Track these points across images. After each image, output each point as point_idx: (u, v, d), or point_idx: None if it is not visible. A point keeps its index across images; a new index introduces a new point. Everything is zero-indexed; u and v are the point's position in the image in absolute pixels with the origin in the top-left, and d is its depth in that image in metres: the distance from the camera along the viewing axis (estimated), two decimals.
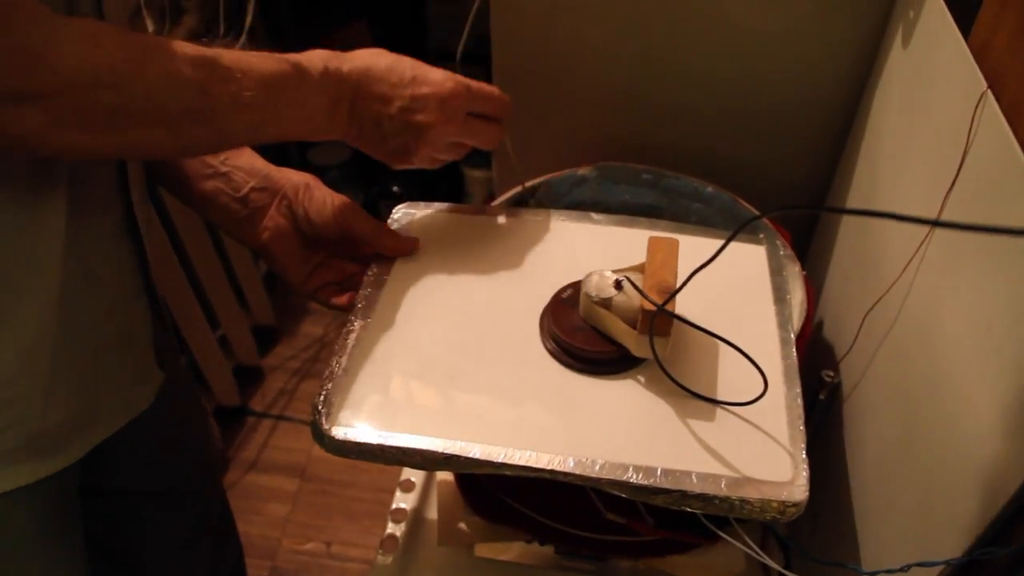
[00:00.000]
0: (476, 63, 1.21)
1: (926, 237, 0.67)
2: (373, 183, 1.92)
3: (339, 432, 0.66)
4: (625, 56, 1.01)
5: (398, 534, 0.98)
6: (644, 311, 0.65)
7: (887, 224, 0.80)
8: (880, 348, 0.76)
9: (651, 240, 0.72)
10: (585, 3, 0.99)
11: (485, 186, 1.83)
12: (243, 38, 1.48)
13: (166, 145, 0.60)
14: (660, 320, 0.65)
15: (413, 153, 0.75)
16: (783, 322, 0.75)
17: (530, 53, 1.06)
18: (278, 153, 1.94)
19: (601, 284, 0.70)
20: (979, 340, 0.57)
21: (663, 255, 0.70)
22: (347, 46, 1.88)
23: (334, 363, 0.71)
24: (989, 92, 0.61)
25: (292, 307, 1.99)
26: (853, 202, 0.92)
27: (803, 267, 0.84)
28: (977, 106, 0.61)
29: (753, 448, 0.64)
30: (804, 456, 0.63)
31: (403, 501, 1.00)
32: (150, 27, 1.43)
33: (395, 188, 1.86)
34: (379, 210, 1.91)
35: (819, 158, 1.03)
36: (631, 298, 0.68)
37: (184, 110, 0.58)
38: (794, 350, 0.72)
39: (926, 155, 0.73)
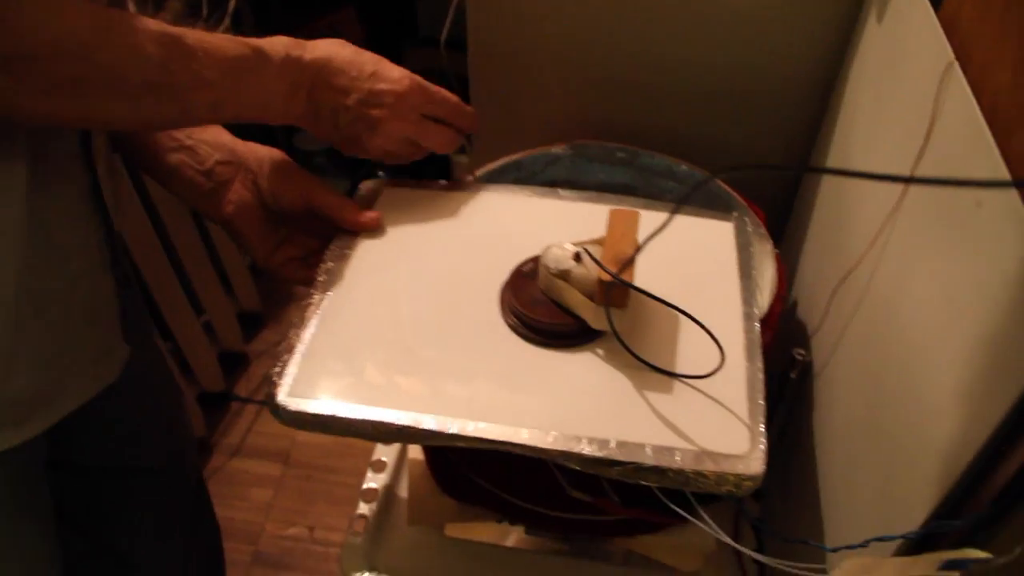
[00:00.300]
0: (462, 48, 1.20)
1: (892, 210, 0.66)
2: (359, 167, 1.91)
3: (293, 403, 0.65)
4: (600, 35, 1.00)
5: (369, 514, 0.97)
6: (601, 282, 0.64)
7: (857, 200, 0.79)
8: (849, 325, 0.75)
9: (612, 212, 0.71)
10: None
11: (470, 171, 1.82)
12: (226, 21, 1.47)
13: (127, 117, 0.63)
14: (616, 291, 0.65)
15: (365, 144, 0.77)
16: (747, 297, 0.74)
17: (505, 33, 1.05)
18: (264, 136, 1.93)
19: (559, 256, 0.69)
20: (939, 312, 0.56)
21: (622, 227, 0.69)
22: (335, 32, 1.87)
23: (292, 335, 0.70)
24: (956, 63, 0.60)
25: (278, 292, 1.98)
26: (827, 182, 0.92)
27: (778, 247, 0.83)
28: (943, 77, 0.59)
29: (710, 421, 0.63)
30: (762, 429, 0.62)
31: (374, 481, 0.99)
32: (132, 7, 1.42)
33: (381, 173, 1.84)
34: None
35: (796, 136, 1.02)
36: (590, 270, 0.68)
37: (145, 84, 0.60)
38: (757, 325, 0.71)
39: (896, 128, 0.72)
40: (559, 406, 0.64)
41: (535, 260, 0.74)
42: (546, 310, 0.70)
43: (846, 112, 0.89)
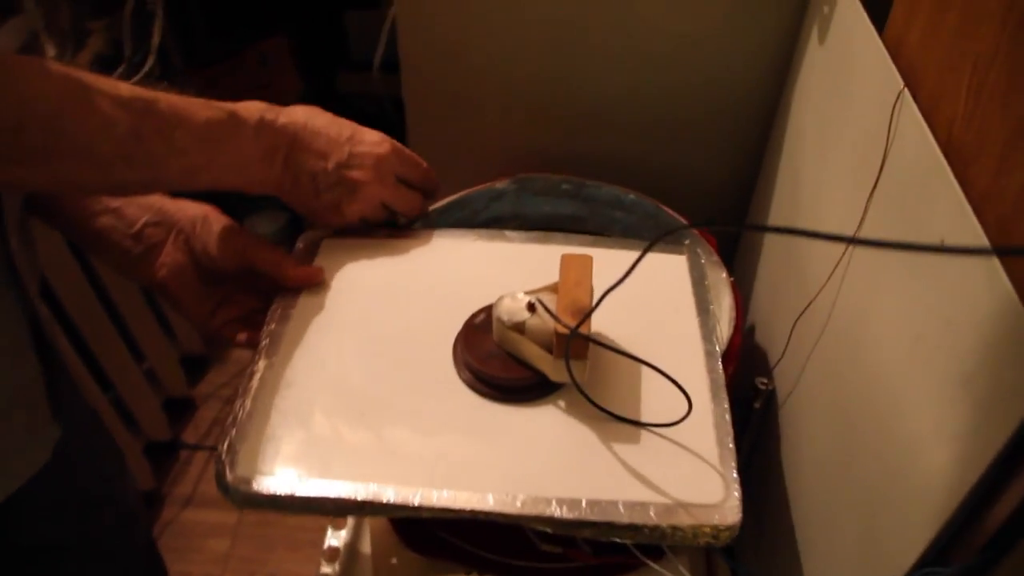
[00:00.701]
0: (394, 71, 1.17)
1: (849, 245, 0.65)
2: None
3: (243, 484, 0.61)
4: (538, 64, 0.98)
5: (332, 574, 0.93)
6: (558, 335, 0.62)
7: (813, 226, 0.77)
8: (811, 356, 0.74)
9: (564, 257, 0.69)
10: (493, 11, 0.96)
11: None
12: (151, 59, 1.42)
13: (97, 183, 0.62)
14: (576, 343, 0.62)
15: (344, 209, 0.76)
16: (707, 334, 0.72)
17: (440, 66, 1.03)
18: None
19: (513, 307, 0.66)
20: (910, 350, 0.55)
21: (576, 273, 0.67)
22: (265, 61, 1.82)
23: (237, 406, 0.67)
24: (906, 91, 0.58)
25: None
26: (777, 206, 0.90)
27: (730, 272, 0.81)
28: (895, 105, 0.58)
29: (682, 470, 0.61)
30: (735, 476, 0.61)
31: (335, 539, 0.95)
32: (51, 52, 1.36)
33: None
34: (306, 228, 1.85)
35: (741, 159, 1.01)
36: (545, 321, 0.65)
37: (117, 153, 0.58)
38: (719, 363, 0.69)
39: (847, 156, 0.71)
40: (524, 465, 0.62)
41: (487, 311, 0.71)
42: (502, 364, 0.67)
43: (792, 136, 0.88)
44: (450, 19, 0.99)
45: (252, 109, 0.68)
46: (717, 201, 0.99)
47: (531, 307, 0.66)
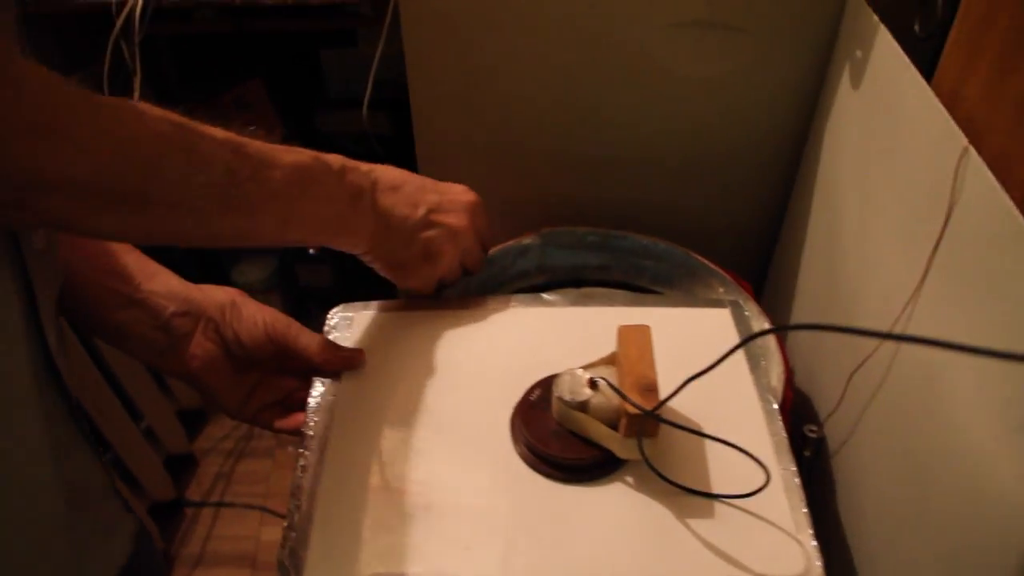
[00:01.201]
0: (379, 108, 1.15)
1: (913, 295, 0.64)
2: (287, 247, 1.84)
3: None
4: (557, 109, 0.96)
5: None
6: (630, 416, 0.60)
7: (864, 276, 0.76)
8: (870, 405, 0.72)
9: (621, 331, 0.67)
10: (510, 60, 0.94)
11: None
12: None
13: (191, 233, 0.58)
14: (648, 423, 0.61)
15: (442, 255, 0.74)
16: (762, 392, 0.71)
17: (453, 112, 1.01)
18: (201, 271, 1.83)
19: (575, 386, 0.64)
20: (998, 413, 0.54)
21: (637, 348, 0.65)
22: (242, 105, 1.78)
23: (292, 508, 0.64)
24: (971, 149, 0.57)
25: None
26: (811, 251, 0.89)
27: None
28: (959, 161, 0.57)
29: (759, 542, 0.60)
30: (814, 544, 0.60)
31: None
32: None
33: (311, 251, 1.76)
34: (296, 275, 1.82)
35: (768, 200, 1.00)
36: (609, 398, 0.64)
37: (213, 198, 0.56)
38: (780, 423, 0.68)
39: (898, 208, 0.69)
40: (601, 551, 0.60)
41: (541, 386, 0.69)
42: (565, 443, 0.65)
43: (825, 177, 0.87)
44: (461, 63, 0.96)
45: (332, 156, 0.66)
46: (742, 241, 0.98)
47: (593, 384, 0.64)
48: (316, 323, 0.78)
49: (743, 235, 0.82)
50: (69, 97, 0.46)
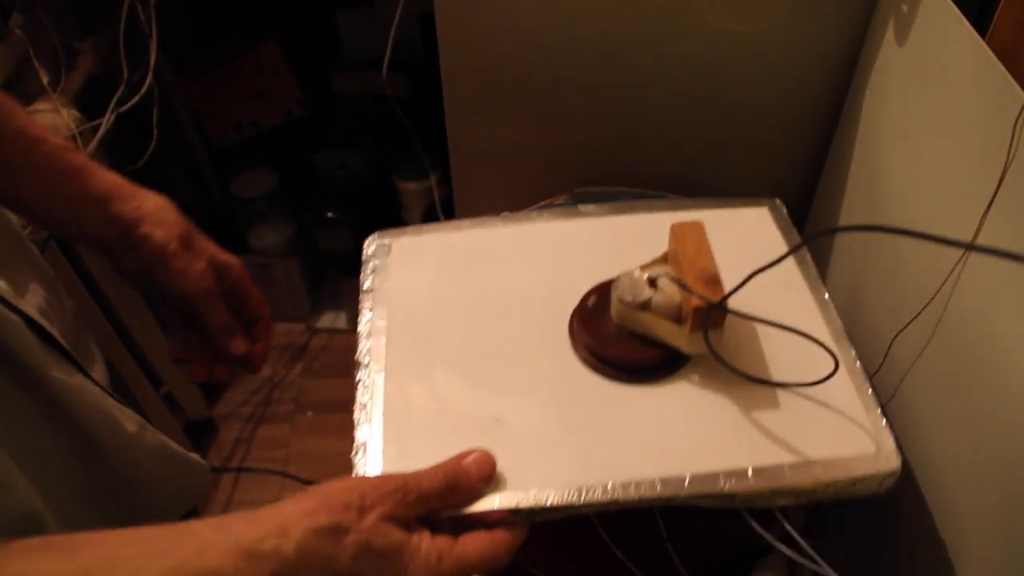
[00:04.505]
0: (396, 70, 1.13)
1: (963, 256, 0.62)
2: (305, 211, 1.82)
3: None
4: (590, 69, 0.94)
5: None
6: (696, 308, 0.60)
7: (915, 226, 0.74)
8: (917, 364, 0.71)
9: (674, 228, 0.66)
10: (543, 14, 0.91)
11: (422, 198, 1.74)
12: (149, 78, 1.37)
13: None
14: (715, 314, 0.60)
15: None
16: (813, 284, 0.71)
17: (483, 79, 0.97)
18: (199, 191, 1.82)
19: (635, 286, 0.64)
20: None
21: (693, 243, 0.64)
22: (258, 68, 1.77)
23: (360, 417, 0.63)
24: None
25: None
26: (849, 210, 0.88)
27: None
28: (1018, 118, 0.55)
29: (830, 426, 0.61)
30: (884, 422, 0.60)
31: None
32: (44, 77, 1.31)
33: (329, 214, 1.75)
34: (315, 239, 1.80)
35: (803, 162, 0.98)
36: (670, 295, 0.63)
37: None
38: (834, 310, 0.69)
39: (949, 163, 0.67)
40: (675, 443, 0.60)
41: (596, 293, 0.69)
42: (629, 345, 0.65)
43: (866, 137, 0.85)
44: (494, 23, 0.93)
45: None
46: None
47: (651, 283, 0.64)
48: (336, 288, 0.76)
49: (779, 197, 0.81)
50: None
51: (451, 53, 0.96)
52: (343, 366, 1.85)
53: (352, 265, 0.79)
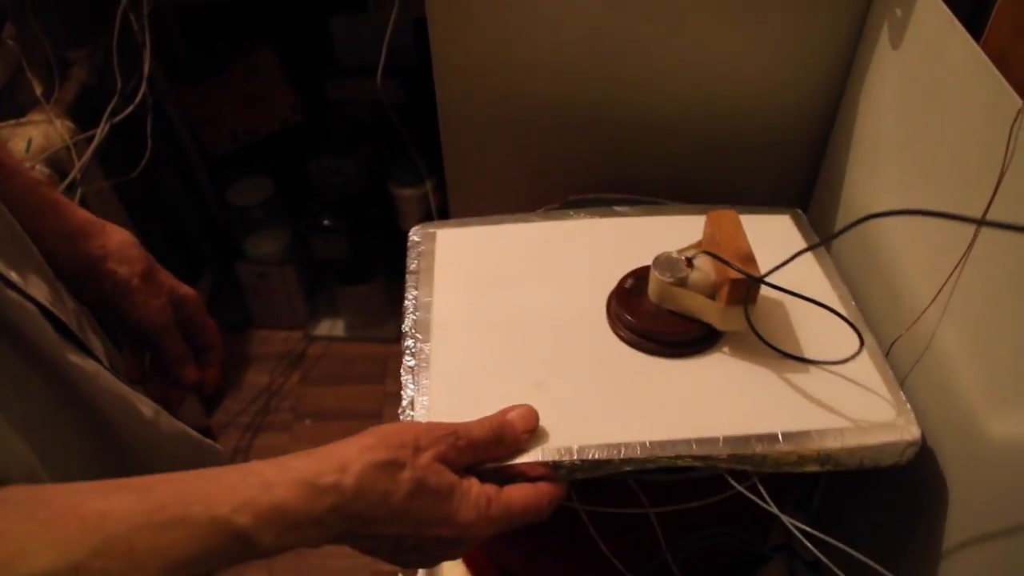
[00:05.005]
0: (390, 76, 1.14)
1: (960, 260, 0.63)
2: (301, 218, 1.82)
3: None
4: (586, 78, 0.95)
5: None
6: (733, 281, 0.62)
7: (905, 245, 0.75)
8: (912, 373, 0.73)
9: (710, 216, 0.69)
10: (536, 23, 0.92)
11: (418, 204, 1.75)
12: (143, 87, 1.37)
13: None
14: (752, 288, 0.63)
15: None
16: (833, 280, 0.74)
17: (477, 86, 0.98)
18: (194, 199, 1.81)
19: (673, 264, 0.67)
20: None
21: (729, 227, 0.67)
22: (252, 76, 1.77)
23: (408, 381, 0.66)
24: None
25: (232, 358, 1.86)
26: (845, 216, 0.89)
27: None
28: (1014, 122, 0.56)
29: (855, 399, 0.64)
30: (904, 397, 0.64)
31: None
32: (37, 88, 1.30)
33: (326, 221, 1.76)
34: (311, 246, 1.80)
35: (797, 170, 1.00)
36: (707, 273, 0.66)
37: None
38: (853, 302, 0.72)
39: (945, 173, 0.69)
40: (712, 410, 0.63)
41: (634, 276, 0.71)
42: (667, 320, 0.67)
43: (861, 142, 0.86)
44: (487, 32, 0.94)
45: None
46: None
47: (688, 262, 0.66)
48: (333, 295, 0.77)
49: (773, 204, 0.82)
50: None
51: (444, 61, 0.97)
52: (341, 374, 1.85)
53: (349, 272, 0.81)
